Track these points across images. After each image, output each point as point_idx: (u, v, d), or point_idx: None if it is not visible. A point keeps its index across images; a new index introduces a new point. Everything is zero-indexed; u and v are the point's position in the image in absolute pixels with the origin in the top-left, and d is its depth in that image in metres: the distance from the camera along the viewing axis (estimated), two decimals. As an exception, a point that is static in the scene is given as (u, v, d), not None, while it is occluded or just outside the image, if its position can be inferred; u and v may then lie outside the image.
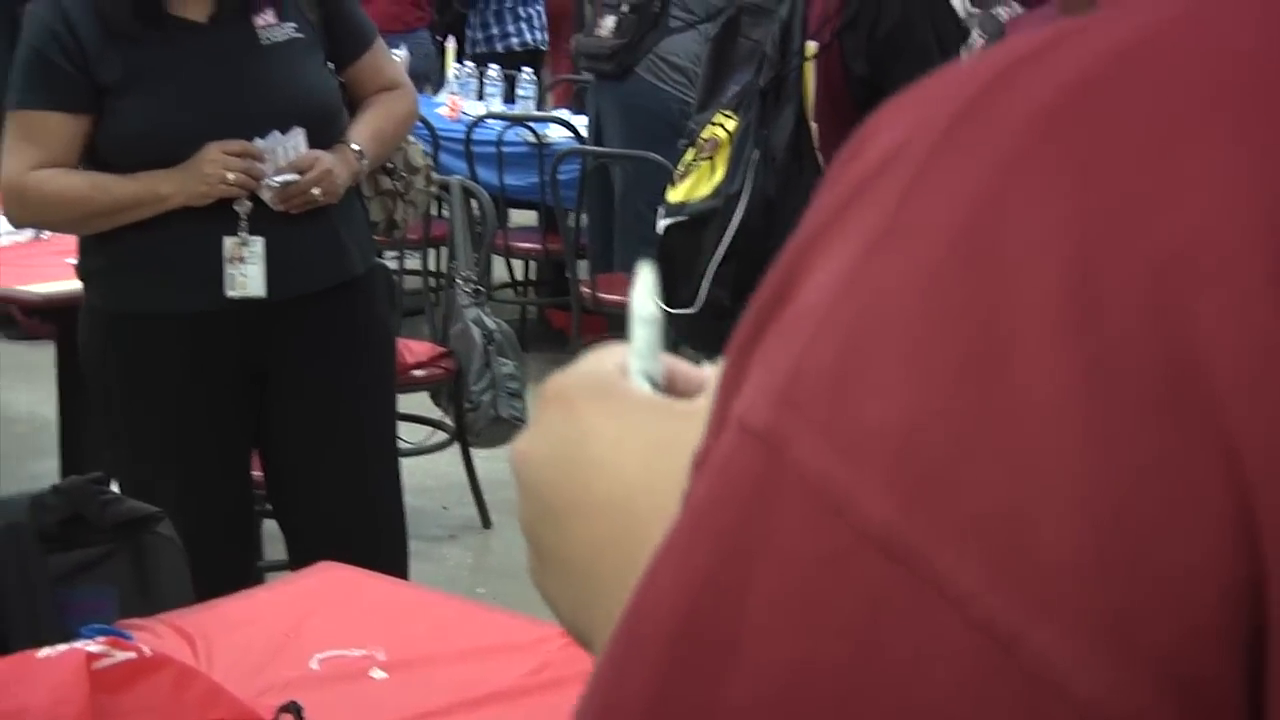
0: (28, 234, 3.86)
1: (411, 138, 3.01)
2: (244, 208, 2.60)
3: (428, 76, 6.77)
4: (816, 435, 0.37)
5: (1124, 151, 0.36)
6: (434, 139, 5.36)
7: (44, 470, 3.73)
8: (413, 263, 5.06)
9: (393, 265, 4.91)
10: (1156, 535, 0.34)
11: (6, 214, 2.71)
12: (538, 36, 7.31)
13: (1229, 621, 0.34)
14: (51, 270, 3.57)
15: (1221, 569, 0.34)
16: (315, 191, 2.62)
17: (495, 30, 7.25)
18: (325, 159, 2.64)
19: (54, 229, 2.93)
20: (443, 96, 6.22)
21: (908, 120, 0.40)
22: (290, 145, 2.62)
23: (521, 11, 7.28)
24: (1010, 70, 0.39)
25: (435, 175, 3.32)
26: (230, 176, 2.56)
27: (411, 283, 5.05)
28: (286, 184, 2.60)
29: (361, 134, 2.75)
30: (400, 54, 6.18)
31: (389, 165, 2.93)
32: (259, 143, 2.59)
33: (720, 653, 0.37)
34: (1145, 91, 0.37)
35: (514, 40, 7.23)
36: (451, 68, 6.46)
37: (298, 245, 2.65)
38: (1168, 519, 0.34)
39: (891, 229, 0.38)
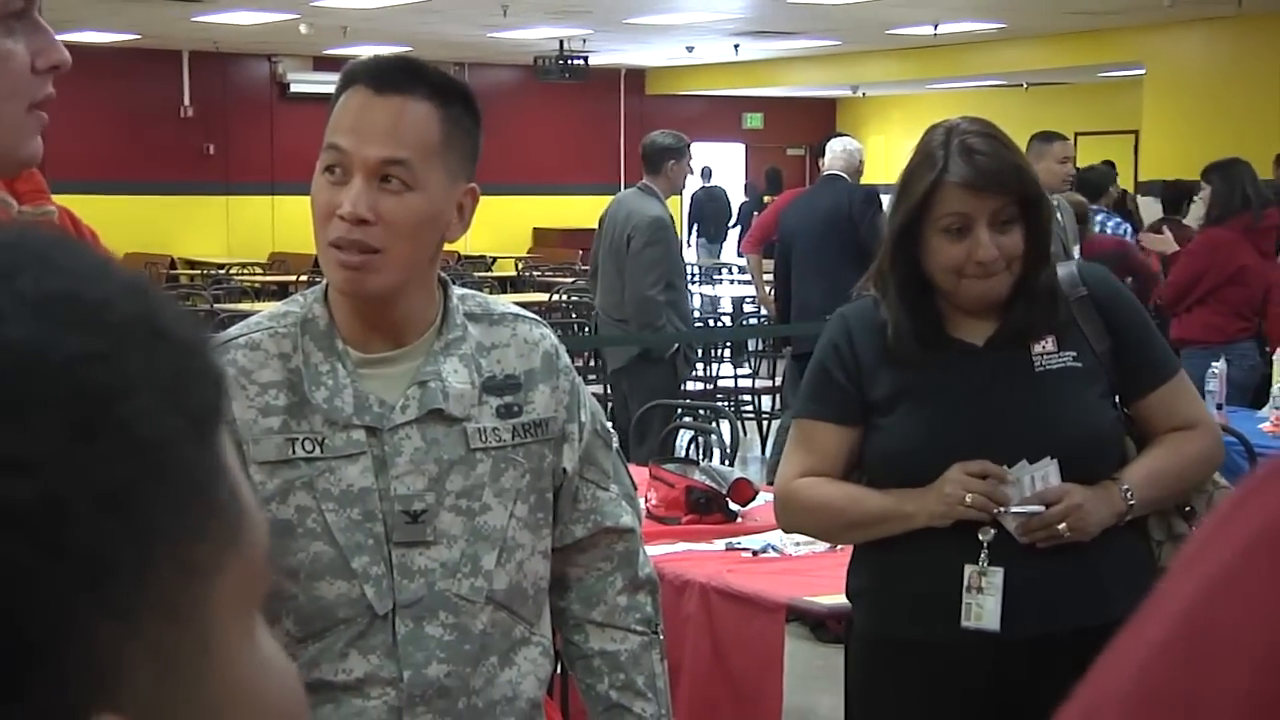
0: (824, 544, 4.00)
1: (1222, 480, 2.71)
2: (987, 535, 2.51)
3: (1248, 390, 6.47)
4: None
5: None
6: (1250, 455, 5.06)
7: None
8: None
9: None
10: None
11: (776, 518, 2.81)
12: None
13: None
14: (841, 583, 3.66)
15: None
16: (1061, 527, 2.49)
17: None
18: (1076, 493, 2.50)
19: (811, 535, 2.99)
20: (1266, 411, 5.89)
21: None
22: (1039, 475, 2.50)
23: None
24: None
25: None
26: (968, 499, 2.48)
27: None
28: (1028, 515, 2.48)
29: (1136, 474, 2.58)
30: (1218, 366, 5.97)
31: (1187, 508, 2.67)
32: (1005, 470, 2.50)
33: None
34: None
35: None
36: (1278, 382, 6.12)
37: (1042, 582, 2.51)
38: None
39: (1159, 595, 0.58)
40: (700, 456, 6.93)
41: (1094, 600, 2.53)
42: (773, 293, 8.34)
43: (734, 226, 19.89)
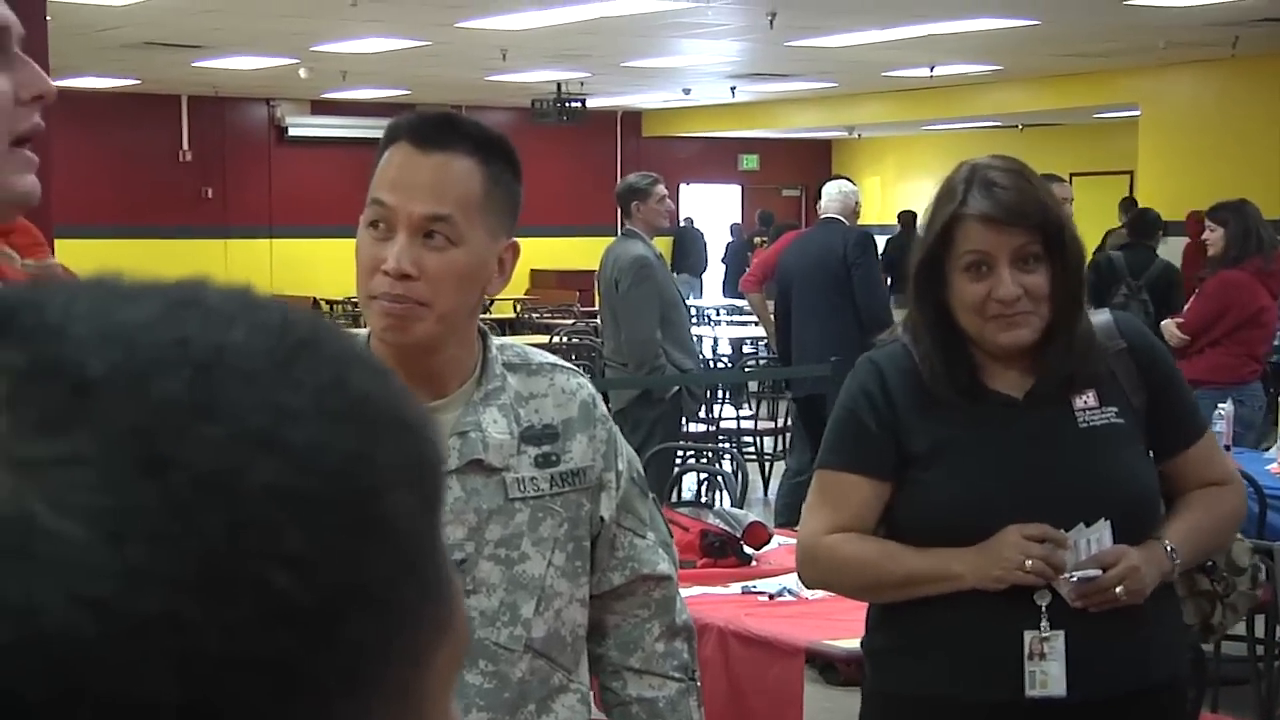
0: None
1: (1240, 535, 2.69)
2: (1044, 599, 2.41)
3: (1254, 429, 6.52)
4: None
5: None
6: (1260, 498, 5.08)
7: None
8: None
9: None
10: None
11: (799, 573, 2.70)
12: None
13: None
14: (858, 626, 3.67)
15: None
16: (1118, 590, 2.40)
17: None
18: (1131, 556, 2.42)
19: (841, 593, 2.83)
20: (1273, 452, 5.91)
21: None
22: (1094, 538, 2.42)
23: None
24: None
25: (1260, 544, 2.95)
26: (1029, 564, 2.38)
27: (1231, 649, 4.75)
28: (1086, 579, 2.39)
29: (1177, 531, 2.50)
30: (1226, 407, 6.01)
31: (1208, 564, 2.63)
32: (1064, 534, 2.41)
33: None
34: None
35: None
36: (1283, 421, 6.16)
37: (1098, 645, 2.43)
38: None
39: None
40: (705, 498, 6.95)
41: (1137, 663, 2.47)
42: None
43: (711, 264, 20.14)
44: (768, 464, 9.97)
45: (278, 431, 0.48)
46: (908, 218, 17.51)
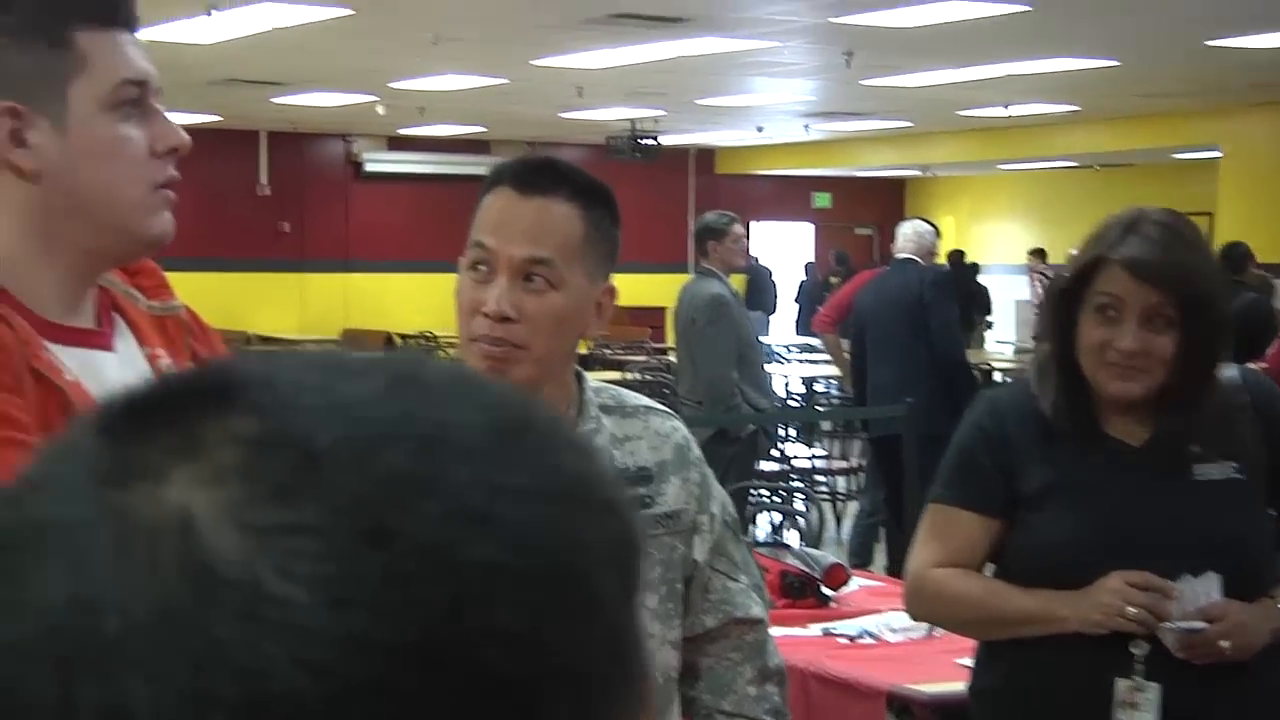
0: (921, 630, 4.00)
1: None
2: (1141, 649, 2.39)
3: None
4: None
5: None
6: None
7: None
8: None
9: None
10: None
11: (906, 605, 2.69)
12: None
13: None
14: (940, 670, 3.67)
15: None
16: (1224, 644, 2.37)
17: None
18: (1238, 611, 2.39)
19: (946, 628, 2.85)
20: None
21: None
22: (1201, 590, 2.39)
23: None
24: None
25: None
26: (1130, 611, 2.36)
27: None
28: (1192, 631, 2.37)
29: None
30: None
31: None
32: (1169, 584, 2.39)
33: None
34: None
35: None
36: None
37: (1197, 699, 2.41)
38: None
39: None
40: (779, 537, 6.93)
41: None
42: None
43: (781, 302, 20.13)
44: (840, 503, 9.93)
45: (493, 509, 0.49)
46: (956, 256, 17.55)
